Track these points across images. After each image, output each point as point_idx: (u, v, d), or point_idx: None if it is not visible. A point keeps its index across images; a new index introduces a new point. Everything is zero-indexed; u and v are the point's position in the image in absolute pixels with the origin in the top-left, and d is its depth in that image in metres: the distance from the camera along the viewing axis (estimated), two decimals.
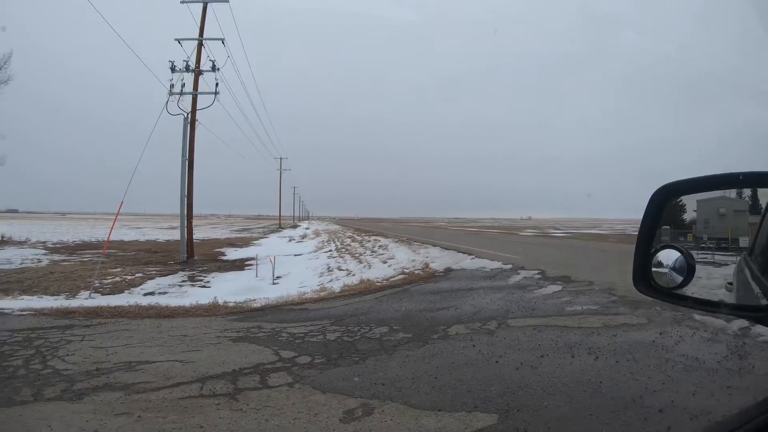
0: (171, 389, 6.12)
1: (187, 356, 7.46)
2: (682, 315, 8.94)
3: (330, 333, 8.76)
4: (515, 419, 5.03)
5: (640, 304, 10.00)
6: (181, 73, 25.35)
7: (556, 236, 43.28)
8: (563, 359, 6.89)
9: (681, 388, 5.66)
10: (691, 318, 8.75)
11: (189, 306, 11.41)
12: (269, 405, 5.62)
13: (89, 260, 25.40)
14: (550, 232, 55.53)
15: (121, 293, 15.29)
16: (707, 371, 6.26)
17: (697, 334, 7.87)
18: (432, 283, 14.24)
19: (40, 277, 19.00)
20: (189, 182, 25.69)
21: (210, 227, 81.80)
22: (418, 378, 6.39)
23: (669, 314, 9.17)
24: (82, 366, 7.02)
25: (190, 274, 20.28)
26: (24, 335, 8.71)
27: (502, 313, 9.89)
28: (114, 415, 5.37)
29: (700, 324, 8.42)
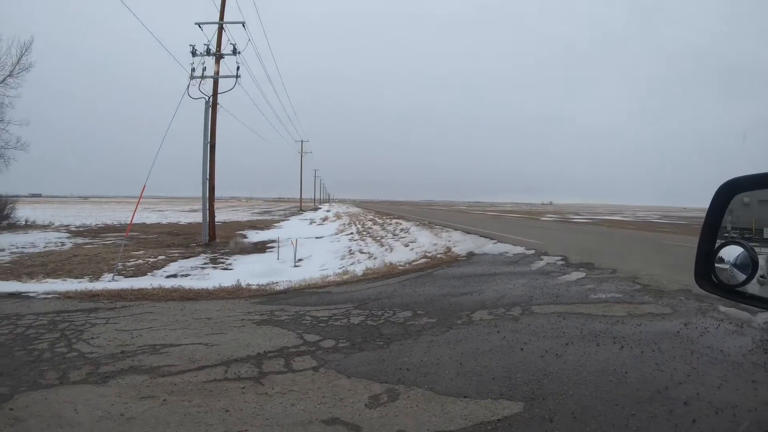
0: (196, 372, 6.13)
1: (212, 339, 7.47)
2: (707, 306, 8.88)
3: (354, 317, 8.76)
4: (541, 407, 4.99)
5: (665, 293, 9.94)
6: (202, 56, 25.36)
7: (578, 222, 43.15)
8: (588, 348, 6.84)
9: (706, 380, 5.60)
10: (716, 309, 8.67)
11: (212, 288, 11.44)
12: (294, 389, 5.60)
13: (112, 243, 25.58)
14: (571, 217, 55.35)
15: (144, 276, 15.38)
16: (732, 364, 6.18)
17: (722, 326, 7.79)
18: (455, 268, 14.19)
19: (63, 260, 19.14)
20: (211, 165, 25.75)
21: (231, 210, 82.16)
22: (443, 364, 6.37)
23: (693, 304, 9.10)
24: (106, 349, 7.04)
25: (213, 257, 20.37)
26: (49, 318, 8.75)
27: (525, 300, 9.84)
28: (139, 399, 5.37)
29: (725, 316, 8.34)
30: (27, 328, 8.18)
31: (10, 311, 9.21)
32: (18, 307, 9.53)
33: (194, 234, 29.36)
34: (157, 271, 16.50)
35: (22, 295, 10.80)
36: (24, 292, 11.14)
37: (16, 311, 9.22)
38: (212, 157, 25.71)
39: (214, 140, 25.65)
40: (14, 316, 8.86)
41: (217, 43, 25.74)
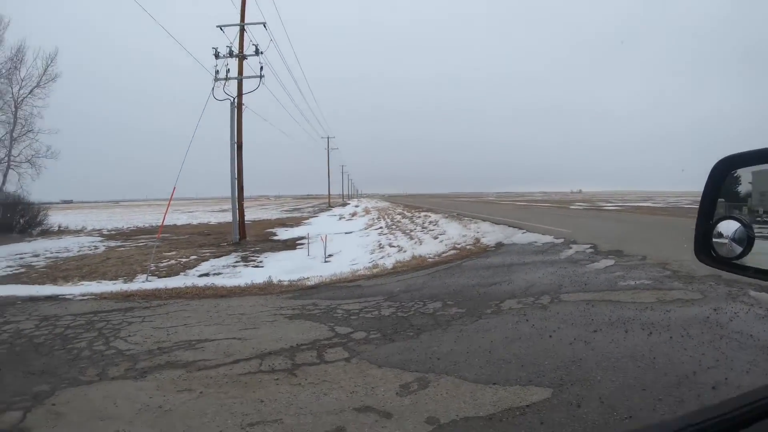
0: (231, 366, 6.26)
1: (245, 334, 7.60)
2: (737, 291, 8.80)
3: (384, 309, 8.83)
4: (569, 393, 5.04)
5: (694, 279, 9.87)
6: (225, 59, 25.53)
7: (607, 210, 42.74)
8: (617, 334, 6.85)
9: (735, 365, 5.58)
10: (746, 294, 8.60)
11: (244, 285, 11.58)
12: (327, 380, 5.71)
13: (144, 245, 25.88)
14: (600, 205, 54.82)
15: (177, 275, 15.57)
16: (761, 349, 6.15)
17: (752, 311, 7.72)
18: (484, 258, 14.21)
19: (97, 263, 19.42)
20: (238, 165, 25.93)
21: (260, 208, 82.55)
22: (473, 352, 6.43)
23: (723, 289, 9.03)
24: (143, 346, 7.21)
25: (243, 255, 20.53)
26: (86, 318, 8.94)
27: (554, 288, 9.84)
28: (177, 392, 5.51)
29: (755, 301, 8.27)
30: (65, 328, 8.37)
31: (49, 313, 9.42)
32: (56, 309, 9.73)
33: (224, 233, 29.59)
34: (189, 270, 16.69)
35: (59, 297, 10.99)
36: (61, 294, 11.34)
37: (55, 313, 9.42)
38: (239, 157, 25.90)
39: (241, 140, 25.83)
40: (53, 318, 9.06)
41: (239, 45, 25.92)
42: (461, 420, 4.61)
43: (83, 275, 15.96)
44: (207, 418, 4.80)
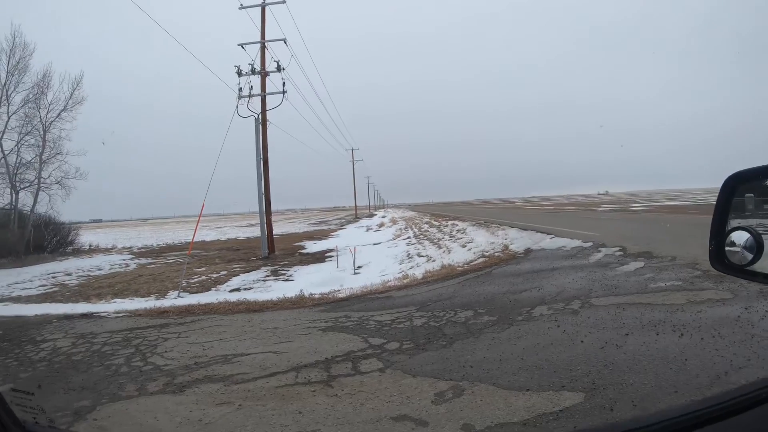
0: (267, 379, 6.35)
1: (280, 347, 7.69)
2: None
3: (416, 319, 8.88)
4: (601, 397, 5.06)
5: (725, 278, 9.76)
6: (248, 76, 25.73)
7: (635, 210, 42.42)
8: (648, 337, 6.83)
9: (767, 363, 5.59)
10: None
11: (276, 300, 11.68)
12: (363, 390, 5.77)
13: (174, 262, 26.12)
14: (628, 206, 54.38)
15: (208, 291, 15.69)
16: None
17: None
18: (513, 265, 14.20)
19: (129, 280, 19.64)
20: (265, 180, 26.11)
21: (288, 222, 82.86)
22: (505, 359, 6.46)
23: (754, 288, 8.92)
24: (180, 361, 7.32)
25: (273, 269, 20.64)
26: (123, 335, 9.10)
27: (584, 293, 9.82)
28: (215, 405, 5.60)
29: None
30: (102, 345, 8.53)
31: (85, 330, 9.59)
32: (92, 327, 9.91)
33: (253, 248, 29.78)
34: (220, 286, 16.81)
35: (94, 315, 11.18)
36: (95, 312, 11.53)
37: (91, 330, 9.60)
38: (266, 172, 26.09)
39: (266, 156, 26.02)
40: (89, 335, 9.24)
41: (261, 62, 26.13)
42: (496, 426, 4.65)
43: (116, 293, 16.15)
44: (247, 430, 4.89)
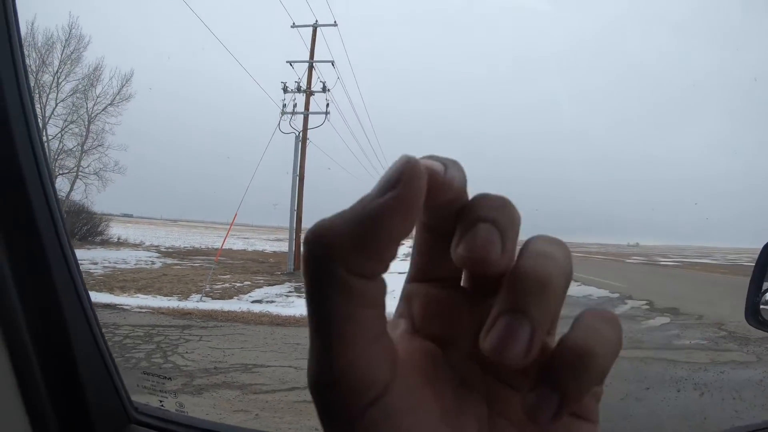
0: (286, 393, 6.38)
1: (301, 363, 7.68)
2: None
3: None
4: None
5: (750, 341, 9.73)
6: (293, 93, 25.90)
7: (665, 265, 42.02)
8: (668, 393, 6.80)
9: None
10: None
11: (299, 316, 11.69)
12: None
13: (200, 266, 26.18)
14: (657, 260, 53.87)
15: (231, 299, 15.74)
16: None
17: None
18: None
19: (153, 278, 19.72)
20: (299, 197, 26.19)
21: None
22: None
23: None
24: (200, 364, 7.38)
25: (297, 286, 20.61)
26: (145, 331, 9.17)
27: None
28: (233, 411, 5.64)
29: None
30: (124, 337, 8.60)
31: (108, 321, 9.65)
32: (115, 318, 9.97)
33: (279, 263, 29.77)
34: (243, 295, 16.84)
35: (117, 306, 11.26)
36: (118, 304, 11.61)
37: (114, 321, 9.66)
38: (300, 189, 26.16)
39: (303, 173, 26.10)
40: (112, 326, 9.29)
41: (307, 81, 26.28)
42: None
43: (139, 288, 16.23)
44: None
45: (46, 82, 32.28)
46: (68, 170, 33.69)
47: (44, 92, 32.35)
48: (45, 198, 1.31)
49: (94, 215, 35.61)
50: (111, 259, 25.82)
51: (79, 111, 33.75)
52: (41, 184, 1.30)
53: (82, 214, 34.38)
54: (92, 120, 34.09)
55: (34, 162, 1.29)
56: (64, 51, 32.89)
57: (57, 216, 1.33)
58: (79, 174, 33.95)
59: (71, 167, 33.82)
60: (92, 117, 34.08)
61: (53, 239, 1.33)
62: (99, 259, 24.90)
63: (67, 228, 1.37)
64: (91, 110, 34.04)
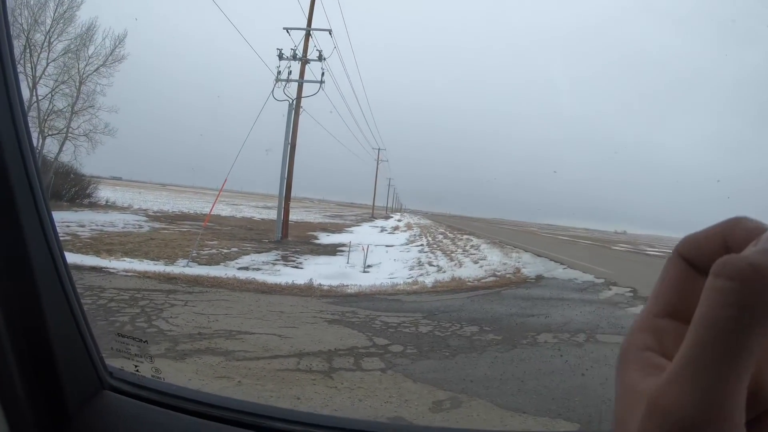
0: (269, 360, 6.39)
1: (285, 332, 7.73)
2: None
3: (422, 326, 8.90)
4: (597, 431, 5.11)
5: None
6: (288, 61, 25.70)
7: (650, 254, 42.20)
8: None
9: None
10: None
11: (285, 285, 11.71)
12: (362, 386, 5.81)
13: (187, 231, 26.12)
14: (644, 249, 54.07)
15: (217, 265, 15.71)
16: None
17: None
18: (523, 289, 14.19)
19: (141, 241, 19.66)
20: (290, 165, 26.10)
21: (304, 210, 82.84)
22: (506, 380, 6.49)
23: None
24: (184, 329, 7.37)
25: (284, 254, 20.63)
26: (130, 294, 9.14)
27: (591, 327, 9.83)
28: (215, 377, 5.65)
29: None
30: (109, 300, 8.59)
31: (93, 283, 9.62)
32: (100, 281, 9.94)
33: (267, 230, 29.73)
34: (229, 262, 16.82)
35: (103, 269, 11.21)
36: (104, 267, 11.56)
37: (99, 284, 9.63)
38: (292, 158, 26.06)
39: (295, 141, 26.01)
40: (97, 288, 9.27)
41: (303, 49, 26.09)
42: None
43: (126, 251, 16.17)
44: None
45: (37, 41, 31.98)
46: (58, 131, 33.44)
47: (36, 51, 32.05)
48: (19, 151, 1.26)
49: (82, 177, 35.40)
50: (99, 221, 25.72)
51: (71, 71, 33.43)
52: (15, 136, 1.25)
53: (71, 175, 34.18)
54: (83, 81, 33.77)
55: (9, 112, 1.24)
56: (57, 10, 32.52)
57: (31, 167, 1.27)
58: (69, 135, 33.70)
59: (61, 128, 33.57)
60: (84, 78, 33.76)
61: (25, 190, 1.27)
62: (86, 221, 24.81)
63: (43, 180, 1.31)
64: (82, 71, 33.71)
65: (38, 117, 31.99)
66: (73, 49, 33.20)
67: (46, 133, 32.43)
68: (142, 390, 1.54)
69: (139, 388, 1.54)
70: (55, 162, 32.69)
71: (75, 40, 33.23)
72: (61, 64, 32.86)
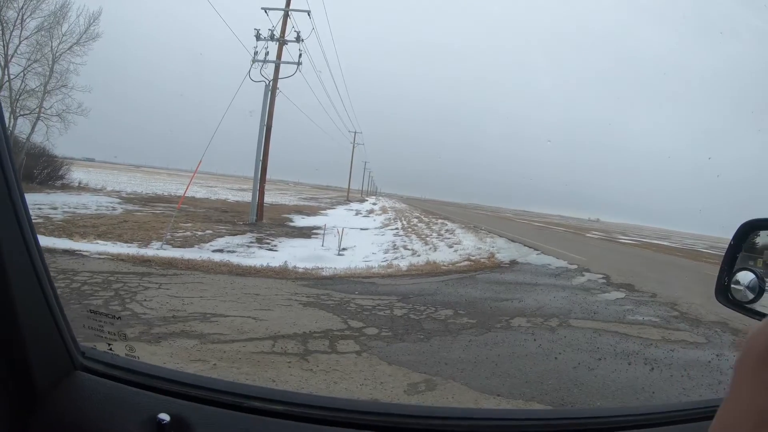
0: (244, 343, 6.39)
1: (260, 314, 7.72)
2: (742, 340, 8.85)
3: (397, 309, 8.95)
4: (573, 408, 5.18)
5: (701, 323, 9.96)
6: (266, 41, 25.50)
7: (623, 242, 42.59)
8: (620, 365, 6.97)
9: None
10: None
11: (260, 267, 11.69)
12: (338, 369, 5.84)
13: (161, 213, 25.96)
14: (617, 237, 54.55)
15: (192, 247, 15.63)
16: None
17: None
18: (497, 273, 14.28)
19: (114, 224, 19.50)
20: (265, 147, 25.95)
21: (279, 193, 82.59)
22: (480, 363, 6.55)
23: (728, 337, 9.15)
24: (159, 312, 7.34)
25: (258, 237, 20.58)
26: (103, 277, 9.08)
27: (564, 312, 9.94)
28: (190, 361, 5.63)
29: None
30: (82, 284, 8.52)
31: (66, 266, 9.55)
32: (73, 264, 9.86)
33: (241, 212, 29.62)
34: (204, 244, 16.75)
35: (75, 252, 11.12)
36: (77, 250, 11.46)
37: (72, 267, 9.55)
38: (267, 140, 25.90)
39: (271, 123, 25.83)
40: (70, 272, 9.19)
41: (281, 30, 25.88)
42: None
43: (99, 234, 16.03)
44: None
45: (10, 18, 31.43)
46: (30, 111, 32.97)
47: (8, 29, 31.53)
48: None
49: (55, 158, 34.98)
50: (71, 203, 25.47)
51: (44, 50, 32.93)
52: None
53: (43, 157, 33.76)
54: (57, 59, 33.28)
55: None
56: None
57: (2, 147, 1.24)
58: (41, 115, 33.26)
59: (33, 108, 33.10)
60: (57, 56, 33.27)
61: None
62: (59, 203, 24.55)
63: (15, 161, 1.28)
64: (56, 49, 33.22)
65: (10, 96, 31.53)
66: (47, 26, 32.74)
67: (17, 113, 32.00)
68: (116, 369, 1.52)
69: (113, 367, 1.52)
70: (27, 142, 32.26)
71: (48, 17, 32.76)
72: (33, 42, 32.35)
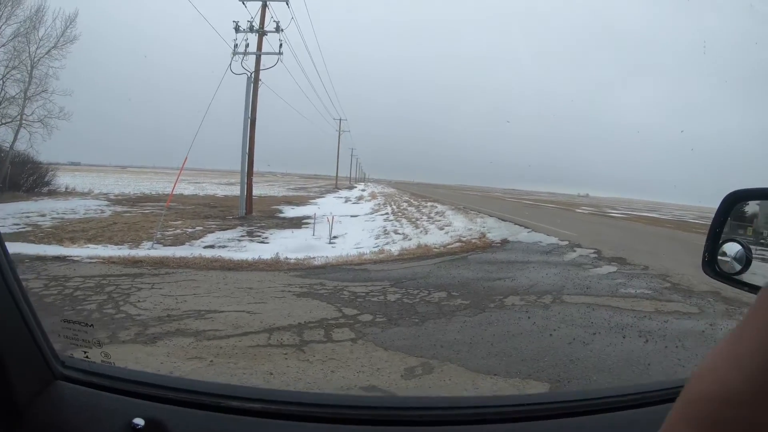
0: (240, 338, 6.40)
1: (254, 308, 7.73)
2: (734, 309, 8.92)
3: (390, 294, 8.97)
4: (565, 389, 5.20)
5: (693, 294, 10.01)
6: (245, 33, 25.40)
7: (613, 216, 42.64)
8: (614, 338, 7.04)
9: None
10: (742, 313, 8.71)
11: (252, 260, 11.69)
12: (334, 358, 5.85)
13: (150, 212, 25.88)
14: (607, 211, 54.63)
15: (183, 245, 15.60)
16: None
17: None
18: (489, 253, 14.32)
19: (104, 227, 19.45)
20: (250, 140, 25.88)
21: (267, 184, 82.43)
22: (475, 343, 6.57)
23: (721, 307, 9.19)
24: (153, 312, 7.33)
25: (249, 230, 20.56)
26: (95, 281, 9.05)
27: (557, 289, 9.99)
28: (187, 359, 5.63)
29: None
30: (75, 289, 8.49)
31: (58, 273, 9.52)
32: (64, 270, 9.83)
33: (231, 207, 29.56)
34: (195, 241, 16.71)
35: (66, 258, 11.08)
36: (68, 255, 11.43)
37: (63, 273, 9.53)
38: (252, 132, 25.83)
39: (255, 115, 25.75)
40: (62, 278, 9.16)
41: (260, 20, 25.78)
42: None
43: (89, 238, 15.99)
44: None
45: None
46: (11, 119, 32.77)
47: None
48: None
49: (40, 165, 34.82)
50: (59, 209, 25.40)
51: (21, 56, 32.71)
52: None
53: (28, 164, 33.60)
54: (35, 64, 33.07)
55: None
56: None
57: None
58: (23, 122, 33.07)
59: (14, 116, 32.90)
60: (35, 61, 33.06)
61: None
62: (47, 210, 24.48)
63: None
64: (34, 54, 33.00)
65: None
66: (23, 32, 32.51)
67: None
68: (95, 377, 1.51)
69: (92, 375, 1.51)
70: (11, 151, 32.10)
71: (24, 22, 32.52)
72: (11, 49, 32.14)
